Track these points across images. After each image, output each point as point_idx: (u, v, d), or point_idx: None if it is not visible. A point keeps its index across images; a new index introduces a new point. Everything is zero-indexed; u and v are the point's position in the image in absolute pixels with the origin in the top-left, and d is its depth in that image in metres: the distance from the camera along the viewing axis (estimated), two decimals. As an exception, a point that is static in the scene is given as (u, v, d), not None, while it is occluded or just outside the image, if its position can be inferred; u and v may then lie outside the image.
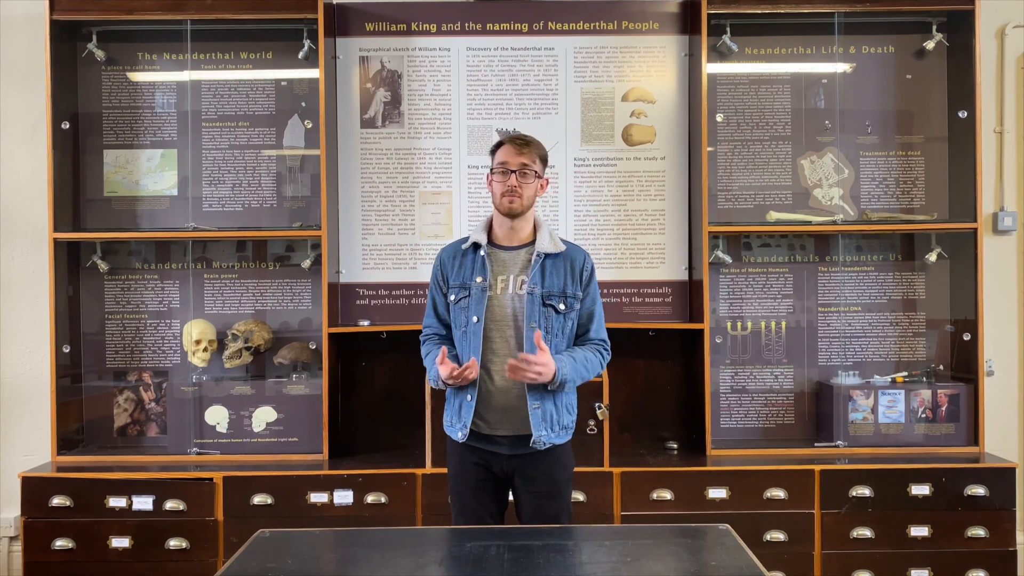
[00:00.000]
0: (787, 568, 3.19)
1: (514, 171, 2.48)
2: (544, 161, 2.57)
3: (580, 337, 2.60)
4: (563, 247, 2.56)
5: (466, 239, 2.60)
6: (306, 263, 3.61)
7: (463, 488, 2.58)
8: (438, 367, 2.44)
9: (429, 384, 2.66)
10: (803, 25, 3.63)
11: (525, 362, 2.38)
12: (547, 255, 2.53)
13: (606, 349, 2.63)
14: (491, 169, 2.56)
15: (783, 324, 3.70)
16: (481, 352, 2.49)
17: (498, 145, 2.56)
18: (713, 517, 3.12)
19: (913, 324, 3.69)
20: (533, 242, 2.57)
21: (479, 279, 2.52)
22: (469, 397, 2.50)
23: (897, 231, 3.64)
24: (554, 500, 2.55)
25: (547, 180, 2.61)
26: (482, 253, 2.54)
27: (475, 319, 2.49)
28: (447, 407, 2.61)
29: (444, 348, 2.45)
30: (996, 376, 3.69)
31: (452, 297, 2.56)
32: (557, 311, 2.51)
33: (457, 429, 2.54)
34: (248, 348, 3.57)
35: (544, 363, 2.39)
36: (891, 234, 3.67)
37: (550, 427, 2.51)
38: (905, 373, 3.61)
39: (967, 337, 3.53)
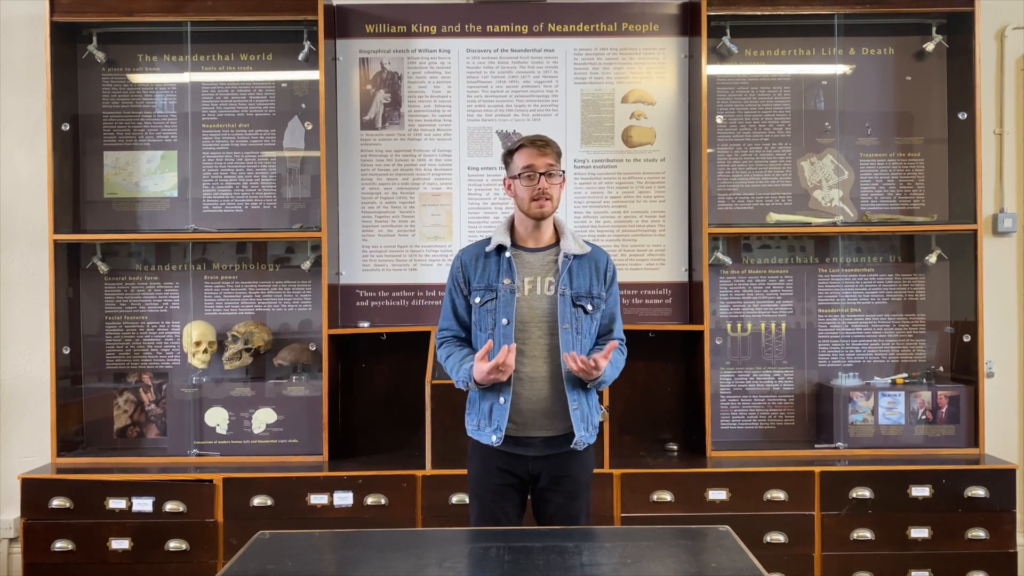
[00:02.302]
0: (787, 570, 3.19)
1: (542, 173, 2.46)
2: (560, 157, 2.54)
3: (603, 337, 2.59)
4: (588, 248, 2.55)
5: (487, 241, 2.57)
6: (306, 264, 3.61)
7: (484, 492, 2.54)
8: (476, 363, 2.40)
9: (432, 385, 2.64)
10: (803, 27, 3.64)
11: (594, 366, 2.38)
12: (574, 256, 2.53)
13: (625, 347, 2.64)
14: (516, 175, 2.49)
15: (783, 325, 3.70)
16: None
17: (514, 148, 2.52)
18: (713, 519, 3.11)
19: (913, 326, 3.69)
20: (556, 243, 2.55)
21: (507, 281, 2.49)
22: (502, 400, 2.47)
23: (897, 233, 3.64)
24: (577, 501, 2.54)
25: (565, 177, 2.58)
26: (507, 255, 2.52)
27: (505, 321, 2.47)
28: (472, 410, 2.56)
29: (490, 342, 2.41)
30: (996, 377, 3.69)
31: (478, 299, 2.52)
32: (586, 311, 2.51)
33: (489, 433, 2.49)
34: (248, 349, 3.57)
35: (602, 367, 2.41)
36: (891, 236, 3.67)
37: (586, 427, 2.51)
38: (905, 375, 3.61)
39: (967, 338, 3.53)
